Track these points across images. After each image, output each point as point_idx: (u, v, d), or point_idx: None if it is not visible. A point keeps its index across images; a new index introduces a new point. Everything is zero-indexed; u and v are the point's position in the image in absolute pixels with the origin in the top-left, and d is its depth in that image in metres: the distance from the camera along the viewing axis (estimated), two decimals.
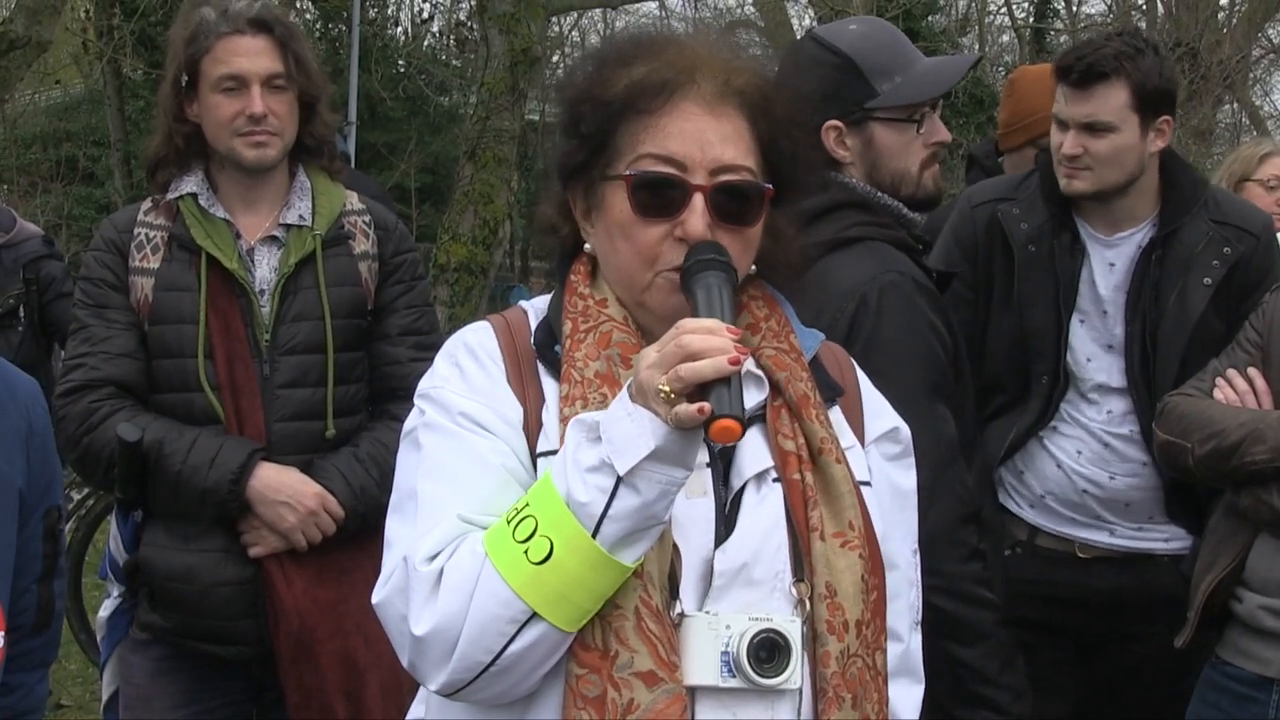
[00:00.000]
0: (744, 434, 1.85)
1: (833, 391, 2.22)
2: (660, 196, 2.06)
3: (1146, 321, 3.83)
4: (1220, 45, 17.60)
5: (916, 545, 2.32)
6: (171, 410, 3.55)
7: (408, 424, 2.14)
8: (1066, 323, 3.91)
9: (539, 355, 2.13)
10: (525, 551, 1.90)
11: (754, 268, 2.19)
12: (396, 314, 3.71)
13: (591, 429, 1.92)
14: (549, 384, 2.10)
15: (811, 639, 2.03)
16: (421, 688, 2.20)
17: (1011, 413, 3.99)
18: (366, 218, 3.75)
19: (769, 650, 1.99)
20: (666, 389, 1.84)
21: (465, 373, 2.11)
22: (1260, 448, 3.36)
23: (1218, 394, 3.54)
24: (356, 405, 3.68)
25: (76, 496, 7.20)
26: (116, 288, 3.59)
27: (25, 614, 2.41)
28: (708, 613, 2.00)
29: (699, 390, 1.83)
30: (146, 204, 3.70)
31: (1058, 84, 3.87)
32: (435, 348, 3.80)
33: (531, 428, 2.06)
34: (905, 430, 2.32)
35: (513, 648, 1.91)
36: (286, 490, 3.51)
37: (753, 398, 2.10)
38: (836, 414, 2.21)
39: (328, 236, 3.66)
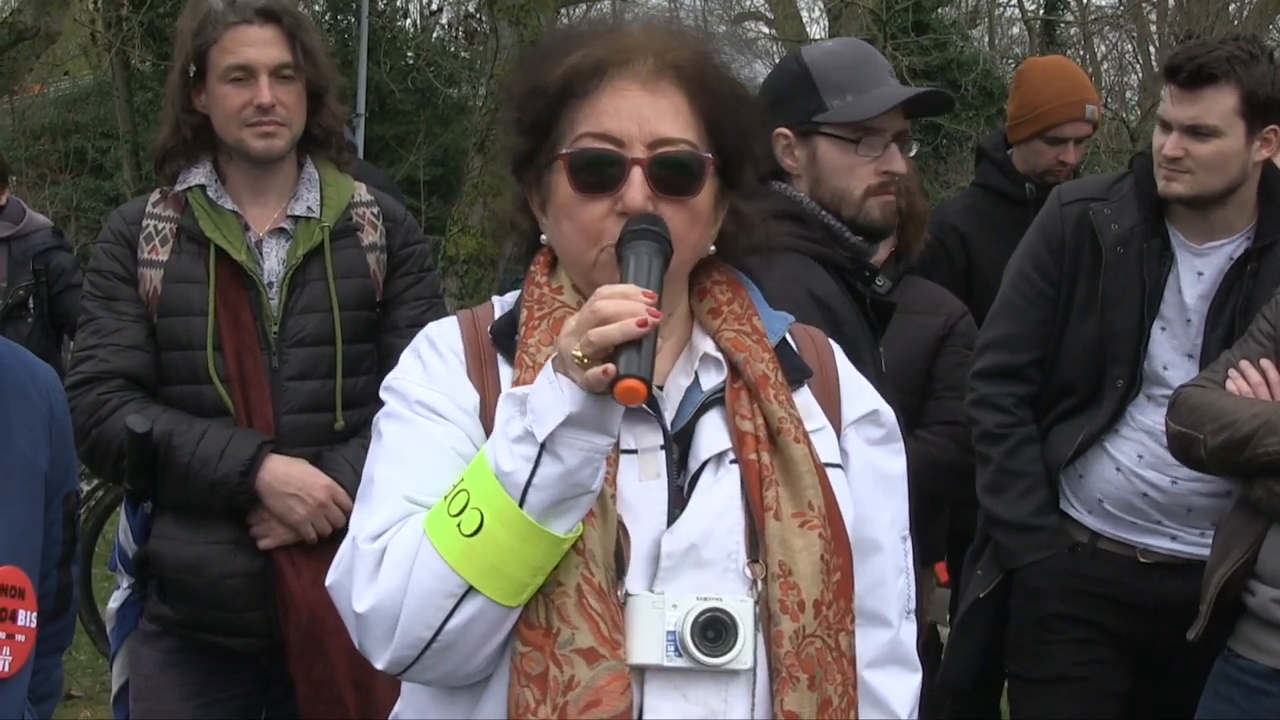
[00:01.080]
0: (647, 395, 1.85)
1: (800, 373, 2.21)
2: (598, 173, 2.08)
3: (1234, 331, 3.76)
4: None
5: (907, 532, 2.31)
6: (180, 402, 3.55)
7: (375, 416, 2.17)
8: (1149, 328, 3.85)
9: (496, 344, 2.15)
10: (458, 524, 1.93)
11: (714, 249, 2.20)
12: (405, 305, 3.71)
13: (520, 401, 1.95)
14: (506, 371, 2.12)
15: (765, 619, 2.03)
16: (402, 685, 2.22)
17: (1079, 416, 3.95)
18: (375, 209, 3.75)
19: (715, 629, 1.99)
20: (579, 354, 1.87)
21: (426, 364, 2.15)
22: (1273, 439, 3.35)
23: (1230, 385, 3.52)
24: (365, 397, 3.67)
25: (86, 488, 7.21)
26: (125, 280, 3.59)
27: (46, 598, 2.42)
28: (655, 593, 2.00)
29: (613, 354, 1.85)
30: (155, 196, 3.69)
31: (1165, 83, 3.80)
32: None
33: (488, 415, 2.07)
34: (888, 414, 2.31)
35: (452, 623, 1.93)
36: (296, 482, 3.50)
37: (711, 380, 2.13)
38: (805, 395, 2.20)
39: (336, 228, 3.65)
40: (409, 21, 21.69)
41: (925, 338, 4.51)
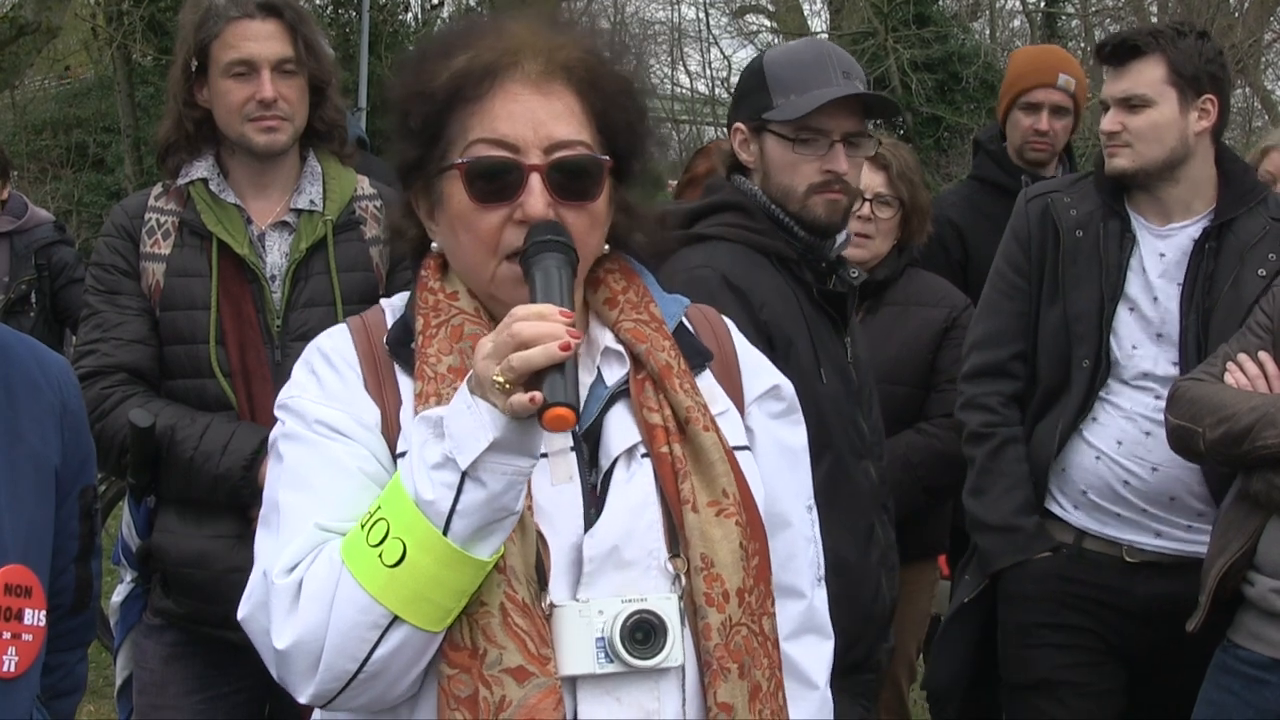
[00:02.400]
0: (576, 422, 1.82)
1: (701, 357, 2.19)
2: (496, 181, 2.02)
3: (1199, 311, 3.81)
4: (1232, 29, 17.54)
5: (811, 501, 2.31)
6: (184, 396, 3.56)
7: (271, 436, 2.10)
8: (1111, 308, 3.89)
9: (393, 354, 2.09)
10: (380, 555, 1.87)
11: (607, 245, 2.16)
12: None
13: (436, 425, 1.89)
14: (405, 383, 2.06)
15: (691, 613, 2.01)
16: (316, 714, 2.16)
17: (1055, 407, 3.97)
18: (378, 202, 3.75)
19: (644, 631, 1.97)
20: (500, 379, 1.81)
21: (321, 380, 2.07)
22: (1272, 432, 3.35)
23: (1229, 378, 3.53)
24: None
25: None
26: (128, 273, 3.60)
27: (64, 594, 2.41)
28: (578, 600, 1.97)
29: (534, 378, 1.80)
30: (157, 189, 3.70)
31: (1101, 67, 3.91)
32: None
33: (391, 430, 2.03)
34: (788, 387, 2.30)
35: (378, 653, 1.88)
36: None
37: (615, 373, 2.10)
38: (707, 379, 2.18)
39: (339, 221, 3.66)
40: (410, 16, 21.65)
41: (928, 330, 4.51)
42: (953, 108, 18.49)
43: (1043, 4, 21.12)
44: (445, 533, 1.85)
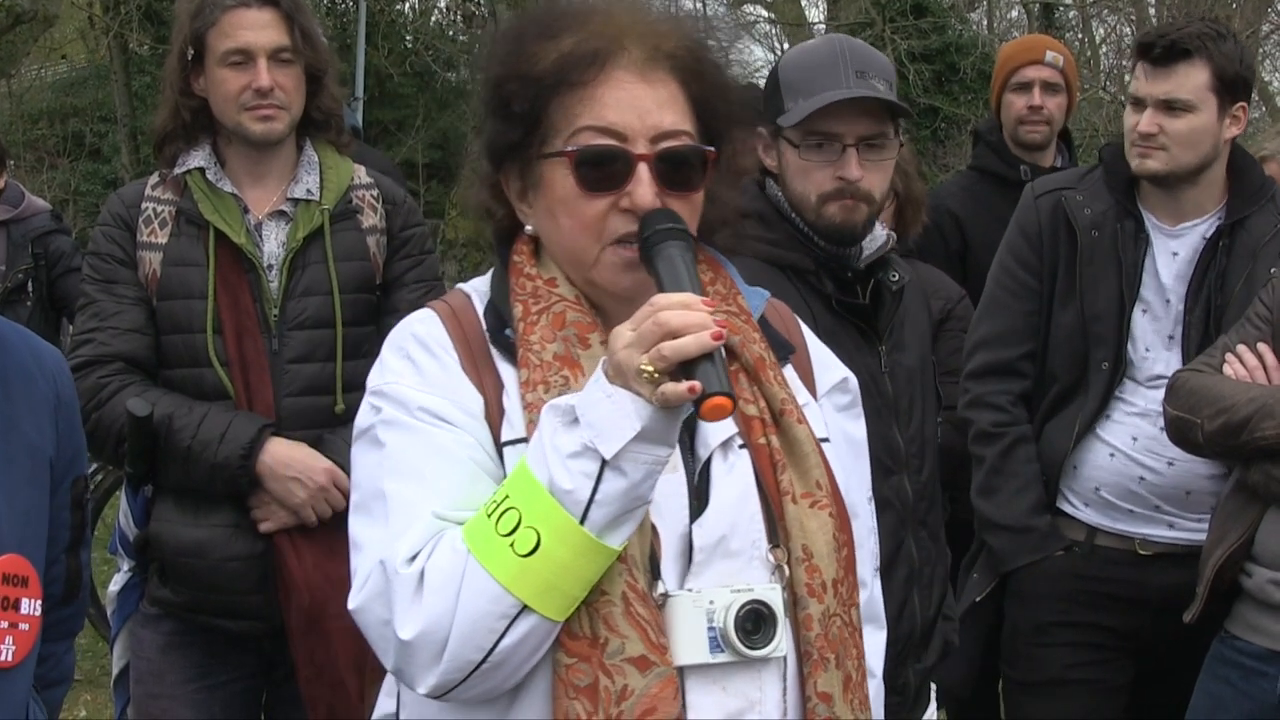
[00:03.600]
0: (735, 409, 1.83)
1: (785, 350, 2.20)
2: (604, 170, 2.02)
3: (1211, 309, 3.80)
4: (1230, 20, 17.53)
5: (871, 493, 2.33)
6: (181, 385, 3.55)
7: (361, 421, 2.09)
8: (1130, 308, 3.87)
9: (491, 340, 2.08)
10: (511, 544, 1.87)
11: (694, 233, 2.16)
12: (405, 288, 3.71)
13: (567, 413, 1.88)
14: (505, 369, 2.06)
15: (792, 604, 2.03)
16: (388, 680, 2.18)
17: (1068, 406, 3.95)
18: (375, 191, 3.75)
19: (754, 621, 1.98)
20: (649, 368, 1.82)
21: (418, 365, 2.06)
22: (1270, 423, 3.36)
23: (1227, 369, 3.53)
24: (365, 380, 3.67)
25: None
26: (125, 263, 3.59)
27: (55, 584, 2.42)
28: (690, 590, 1.98)
29: (681, 368, 1.81)
30: (154, 179, 3.69)
31: (1137, 61, 3.84)
32: None
33: (494, 416, 2.02)
34: (853, 380, 2.32)
35: (504, 643, 1.88)
36: (296, 465, 3.51)
37: None
38: (790, 372, 2.19)
39: (336, 211, 3.65)
40: (407, 5, 21.63)
41: None
42: (950, 99, 18.47)
43: None
44: (583, 522, 1.86)
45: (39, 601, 2.23)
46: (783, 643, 2.00)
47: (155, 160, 3.76)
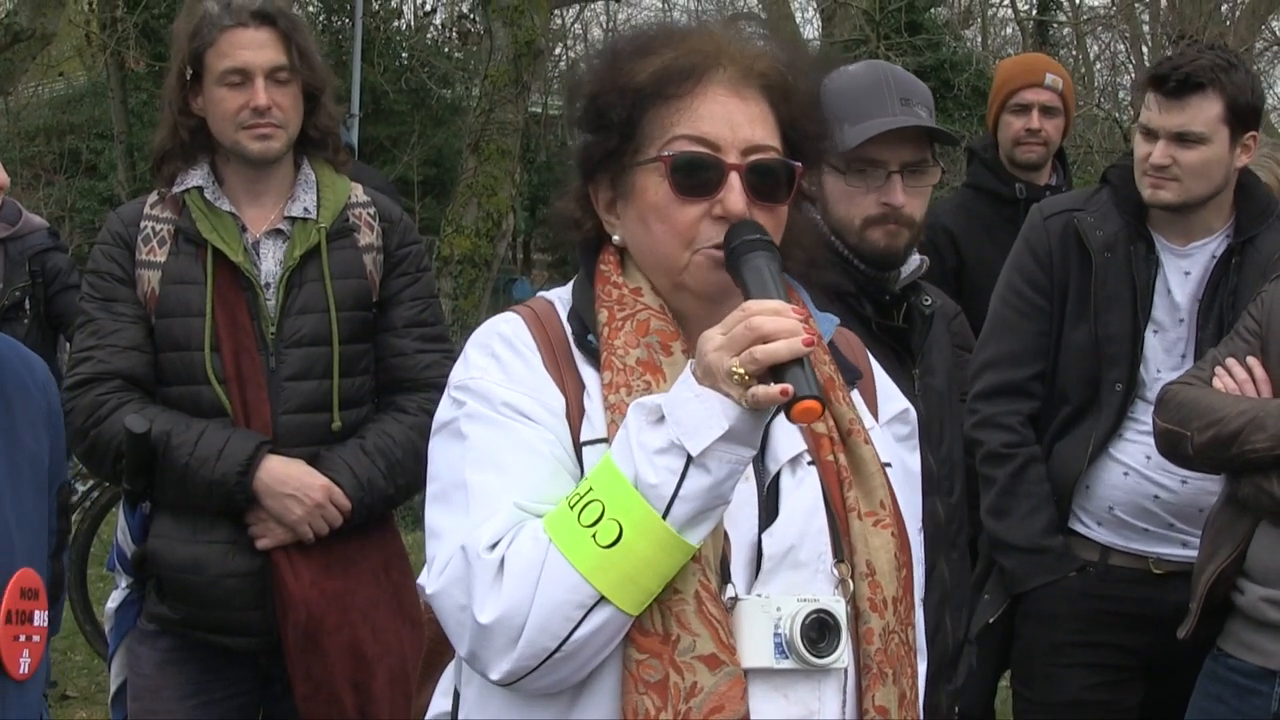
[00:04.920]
0: (824, 412, 1.89)
1: (852, 374, 2.25)
2: (697, 177, 2.09)
3: (1223, 327, 3.80)
4: (1224, 38, 17.58)
5: (920, 525, 2.36)
6: (179, 403, 3.56)
7: (443, 415, 2.14)
8: (1144, 329, 3.88)
9: (575, 343, 2.14)
10: (593, 535, 1.92)
11: None
12: (402, 306, 3.72)
13: (653, 411, 1.94)
14: (588, 372, 2.11)
15: (854, 617, 2.07)
16: (442, 680, 2.23)
17: (1079, 427, 3.95)
18: (371, 210, 3.76)
19: (819, 630, 2.02)
20: (741, 371, 1.88)
21: (503, 363, 2.12)
22: (1260, 435, 3.36)
23: (1217, 383, 3.54)
24: (362, 397, 3.69)
25: (82, 488, 7.22)
26: (123, 281, 3.61)
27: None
28: (759, 595, 2.03)
29: (771, 372, 1.87)
30: (153, 197, 3.71)
31: (1149, 93, 3.83)
32: (441, 339, 3.83)
33: (574, 416, 2.08)
34: (914, 413, 2.37)
35: (579, 633, 1.92)
36: (293, 483, 3.52)
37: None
38: (855, 396, 2.24)
39: (333, 229, 3.67)
40: (403, 22, 21.69)
41: None
42: (945, 115, 18.51)
43: (1034, 12, 21.19)
44: (665, 516, 1.91)
45: (46, 612, 2.26)
46: (845, 654, 2.04)
47: (152, 178, 3.78)
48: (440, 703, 2.24)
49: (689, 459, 1.90)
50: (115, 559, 3.78)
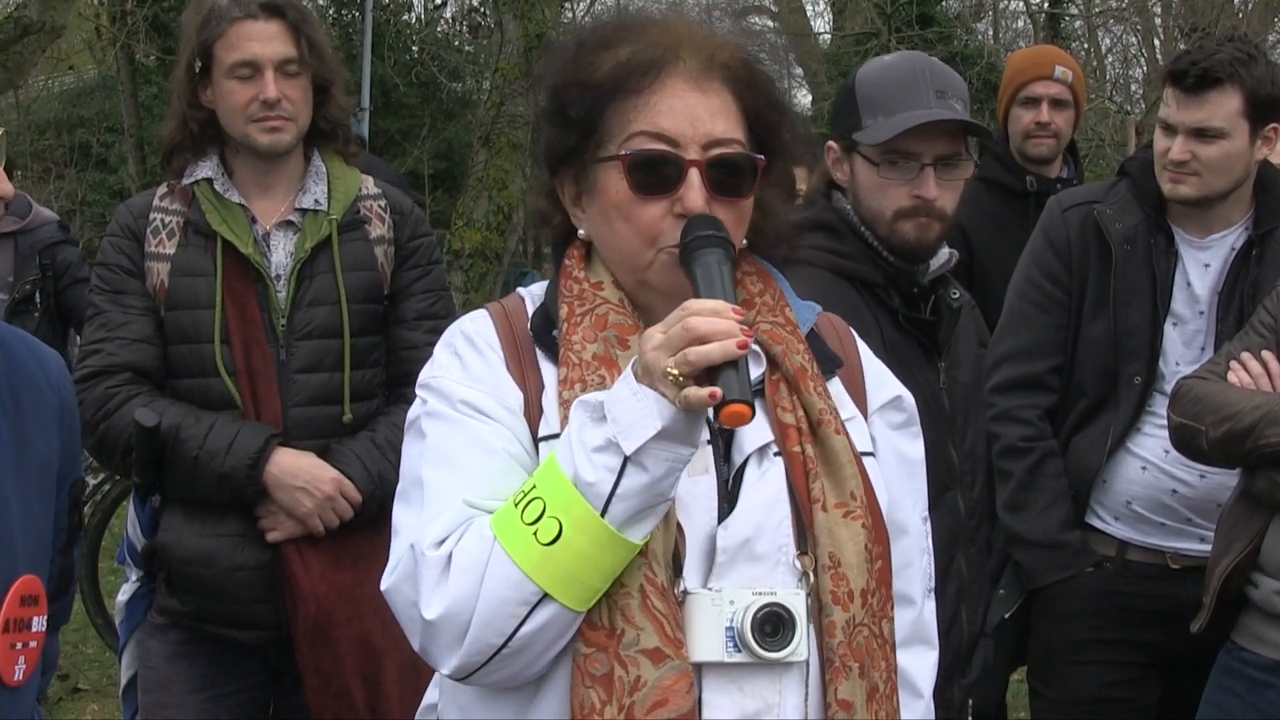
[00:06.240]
0: (753, 417, 1.87)
1: (831, 363, 2.23)
2: (656, 174, 2.07)
3: (1243, 319, 3.77)
4: (1236, 30, 17.54)
5: (927, 513, 2.34)
6: (188, 395, 3.56)
7: (411, 414, 2.16)
8: (1163, 323, 3.87)
9: (536, 340, 2.14)
10: (534, 533, 1.92)
11: (744, 242, 2.19)
12: (413, 298, 3.72)
13: (595, 409, 1.94)
14: (548, 368, 2.11)
15: (817, 610, 2.05)
16: (436, 674, 2.22)
17: (1097, 420, 3.94)
18: (382, 202, 3.76)
19: (773, 624, 2.01)
20: (674, 371, 1.87)
21: (464, 361, 2.13)
22: (1275, 430, 3.35)
23: (1232, 377, 3.53)
24: (373, 390, 3.68)
25: (93, 481, 7.22)
26: (133, 273, 3.60)
27: (49, 581, 2.44)
28: (711, 589, 2.02)
29: (706, 373, 1.86)
30: (162, 189, 3.71)
31: (1168, 88, 3.81)
32: None
33: (532, 413, 2.08)
34: (909, 398, 2.34)
35: (525, 629, 1.93)
36: (303, 475, 3.52)
37: (751, 372, 2.11)
38: (836, 385, 2.22)
39: (343, 221, 3.66)
40: (413, 15, 21.66)
41: None
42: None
43: (1046, 5, 21.12)
44: (603, 514, 1.91)
45: (45, 617, 2.26)
46: (803, 647, 2.02)
47: (162, 171, 3.77)
48: (433, 693, 2.26)
49: (626, 458, 1.89)
50: (125, 552, 3.78)
